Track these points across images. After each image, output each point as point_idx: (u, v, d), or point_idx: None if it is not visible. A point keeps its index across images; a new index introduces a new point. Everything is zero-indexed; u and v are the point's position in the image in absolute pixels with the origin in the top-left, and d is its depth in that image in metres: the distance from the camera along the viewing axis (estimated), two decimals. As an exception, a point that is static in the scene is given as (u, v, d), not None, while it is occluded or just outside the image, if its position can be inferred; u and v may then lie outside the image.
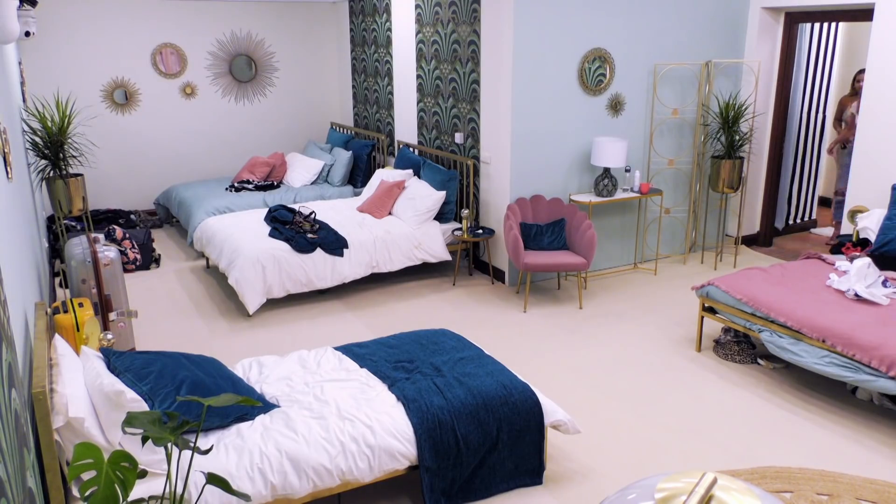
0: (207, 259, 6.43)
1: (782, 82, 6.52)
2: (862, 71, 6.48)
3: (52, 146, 5.35)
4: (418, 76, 6.89)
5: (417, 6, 6.67)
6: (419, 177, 6.45)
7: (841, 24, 7.28)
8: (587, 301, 5.63)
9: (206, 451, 2.32)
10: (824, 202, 8.26)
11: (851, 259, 4.69)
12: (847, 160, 6.67)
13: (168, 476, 2.28)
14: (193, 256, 6.82)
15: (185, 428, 2.22)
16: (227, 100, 8.34)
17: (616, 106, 5.95)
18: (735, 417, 3.95)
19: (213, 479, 2.27)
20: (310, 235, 5.59)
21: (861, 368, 3.72)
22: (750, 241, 7.01)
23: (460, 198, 6.41)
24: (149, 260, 6.50)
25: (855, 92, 6.79)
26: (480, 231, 5.98)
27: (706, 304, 4.67)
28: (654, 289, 5.90)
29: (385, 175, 6.56)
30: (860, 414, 3.97)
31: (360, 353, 3.71)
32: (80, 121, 7.54)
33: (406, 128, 7.33)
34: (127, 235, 6.48)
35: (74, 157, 5.70)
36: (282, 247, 5.44)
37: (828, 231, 7.49)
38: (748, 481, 1.32)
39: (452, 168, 6.42)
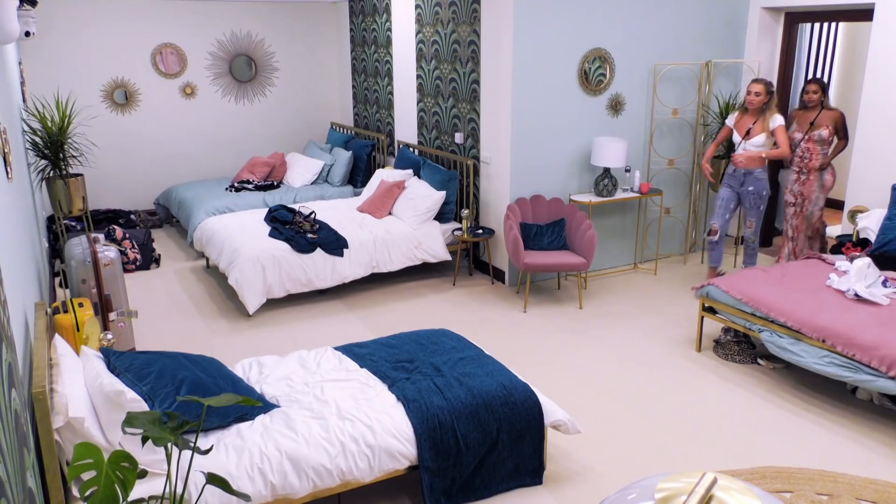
0: (207, 259, 6.43)
1: (782, 82, 6.52)
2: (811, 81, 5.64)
3: (52, 146, 5.35)
4: (418, 76, 6.88)
5: (417, 6, 6.67)
6: (419, 177, 6.45)
7: (841, 24, 7.28)
8: (587, 301, 5.63)
9: (206, 451, 2.32)
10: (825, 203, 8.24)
11: (851, 259, 4.69)
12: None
13: (168, 476, 2.28)
14: (193, 256, 6.82)
15: (185, 428, 2.22)
16: (227, 100, 8.33)
17: (616, 106, 5.95)
18: (735, 417, 3.94)
19: (213, 479, 2.27)
20: (310, 235, 5.59)
21: (861, 368, 3.72)
22: (750, 241, 7.00)
23: (460, 198, 6.41)
24: (149, 260, 6.50)
25: (804, 105, 5.66)
26: (480, 231, 5.98)
27: (706, 304, 4.67)
28: (654, 289, 5.89)
29: (385, 175, 6.56)
30: (860, 414, 3.97)
31: (360, 353, 3.71)
32: (80, 121, 7.53)
33: (406, 128, 7.33)
34: (127, 235, 6.48)
35: (74, 157, 5.69)
36: (282, 247, 5.44)
37: (830, 231, 7.46)
38: (748, 481, 1.32)
39: (452, 168, 6.42)
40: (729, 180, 5.51)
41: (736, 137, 5.40)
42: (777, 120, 5.22)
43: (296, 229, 5.71)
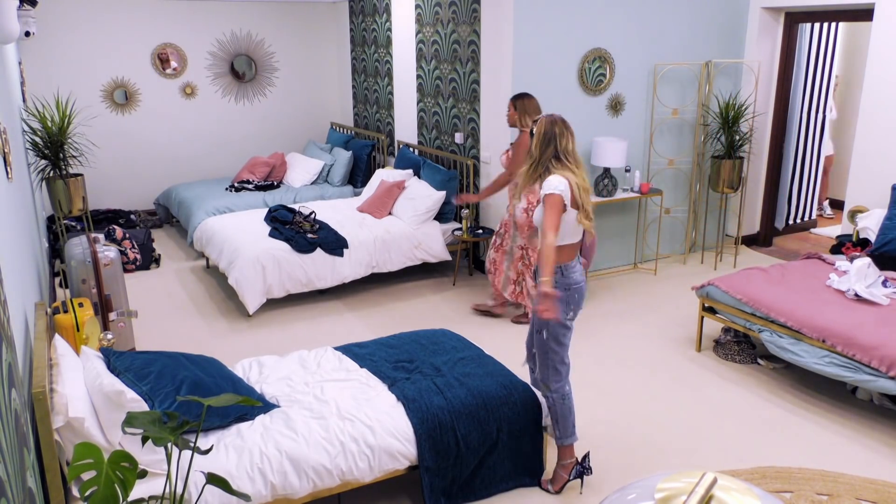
0: (207, 259, 6.43)
1: (782, 82, 6.52)
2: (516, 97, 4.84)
3: (52, 146, 5.35)
4: (418, 76, 6.88)
5: (417, 6, 6.67)
6: (419, 177, 6.45)
7: (841, 24, 7.28)
8: (587, 301, 5.62)
9: (206, 451, 2.32)
10: (824, 202, 8.25)
11: (851, 259, 4.69)
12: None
13: (168, 476, 2.28)
14: (193, 256, 6.82)
15: (185, 428, 2.22)
16: (227, 100, 8.33)
17: (616, 106, 5.95)
18: (735, 417, 3.94)
19: (213, 479, 2.27)
20: (310, 235, 5.59)
21: (861, 368, 3.72)
22: (750, 241, 7.01)
23: (460, 198, 6.41)
24: (149, 260, 6.50)
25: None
26: (480, 231, 5.98)
27: (706, 304, 4.67)
28: (654, 289, 5.89)
29: (385, 175, 6.56)
30: (860, 414, 3.97)
31: (360, 353, 3.71)
32: (80, 121, 7.52)
33: (406, 128, 7.33)
34: (127, 235, 6.48)
35: (74, 157, 5.69)
36: (282, 247, 5.44)
37: (830, 231, 7.47)
38: (748, 481, 1.32)
39: (452, 168, 6.42)
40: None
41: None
42: (550, 184, 3.11)
43: (296, 229, 5.71)
